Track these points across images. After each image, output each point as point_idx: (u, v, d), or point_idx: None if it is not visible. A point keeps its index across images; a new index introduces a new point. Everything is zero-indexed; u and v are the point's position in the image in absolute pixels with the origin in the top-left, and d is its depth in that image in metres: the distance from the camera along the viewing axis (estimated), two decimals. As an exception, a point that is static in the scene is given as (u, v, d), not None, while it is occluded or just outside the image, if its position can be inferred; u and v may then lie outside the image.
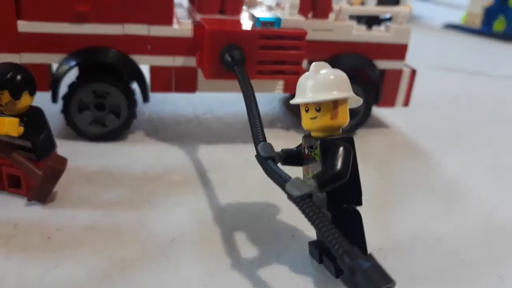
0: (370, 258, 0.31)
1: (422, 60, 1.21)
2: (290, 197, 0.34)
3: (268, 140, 0.41)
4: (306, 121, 0.38)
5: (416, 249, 0.46)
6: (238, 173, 0.56)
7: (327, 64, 0.38)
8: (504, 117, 0.87)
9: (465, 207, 0.54)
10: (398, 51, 0.67)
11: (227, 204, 0.50)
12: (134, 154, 0.58)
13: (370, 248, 0.43)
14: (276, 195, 0.50)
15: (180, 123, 0.69)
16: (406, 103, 0.72)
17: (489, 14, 1.61)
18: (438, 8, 2.27)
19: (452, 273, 0.43)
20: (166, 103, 0.76)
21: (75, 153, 0.56)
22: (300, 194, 0.34)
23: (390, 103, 0.71)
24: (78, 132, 0.60)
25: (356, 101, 0.40)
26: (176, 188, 0.52)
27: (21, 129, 0.45)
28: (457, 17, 1.81)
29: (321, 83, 0.37)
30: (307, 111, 0.38)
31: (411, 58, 0.73)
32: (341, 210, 0.38)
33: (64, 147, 0.52)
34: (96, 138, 0.60)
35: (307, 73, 0.38)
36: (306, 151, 0.40)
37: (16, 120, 0.44)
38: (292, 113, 0.74)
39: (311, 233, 0.44)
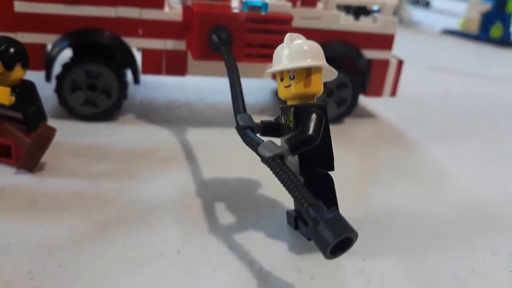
0: (334, 210, 0.32)
1: (417, 62, 1.24)
2: (262, 158, 0.36)
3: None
4: (281, 89, 0.40)
5: (393, 223, 0.47)
6: (224, 153, 0.58)
7: (301, 36, 0.40)
8: (492, 114, 0.88)
9: (445, 188, 0.55)
10: (385, 41, 0.69)
11: (211, 178, 0.52)
12: (123, 133, 0.60)
13: (348, 220, 0.45)
14: (259, 173, 0.52)
15: (170, 108, 0.71)
16: (393, 93, 0.73)
17: (486, 20, 1.63)
18: (437, 16, 2.29)
19: (426, 245, 0.44)
20: (158, 90, 0.78)
21: (66, 130, 0.58)
22: (271, 155, 0.35)
23: (377, 92, 0.72)
24: (70, 112, 0.61)
25: (331, 73, 0.41)
26: (162, 164, 0.54)
27: (12, 98, 0.46)
28: (455, 24, 1.83)
29: (296, 51, 0.38)
30: (282, 80, 0.39)
31: (408, 61, 0.75)
32: (313, 174, 0.39)
33: (56, 125, 0.53)
34: (87, 118, 0.62)
35: (282, 44, 0.40)
36: (283, 120, 0.41)
37: (7, 90, 0.46)
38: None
39: (290, 205, 0.45)
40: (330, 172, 0.41)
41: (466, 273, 0.40)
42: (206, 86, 0.82)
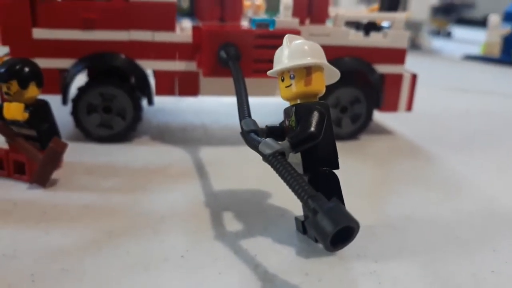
0: (334, 201, 0.31)
1: (438, 84, 1.22)
2: (263, 156, 0.36)
3: None
4: (283, 90, 0.40)
5: (408, 227, 0.45)
6: (235, 168, 0.58)
7: (300, 36, 0.40)
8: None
9: (463, 195, 0.53)
10: (397, 55, 0.69)
11: (220, 190, 0.51)
12: (136, 153, 0.61)
13: (361, 225, 0.43)
14: (269, 185, 0.51)
15: (186, 130, 0.72)
16: (409, 108, 0.72)
17: (508, 43, 1.61)
18: (458, 44, 2.28)
19: (443, 247, 0.42)
20: (175, 114, 0.79)
21: (81, 151, 0.60)
22: (271, 152, 0.35)
23: (392, 107, 0.71)
24: (86, 134, 0.63)
25: (334, 75, 0.41)
26: (173, 178, 0.54)
27: (26, 114, 0.48)
28: (477, 51, 1.82)
29: (295, 51, 0.38)
30: (283, 80, 0.39)
31: (428, 83, 0.74)
32: (317, 172, 0.38)
33: (71, 147, 0.55)
34: (103, 140, 0.63)
35: (281, 46, 0.40)
36: (286, 122, 0.41)
37: (21, 105, 0.48)
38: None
39: (300, 212, 0.44)
40: (341, 181, 0.40)
41: (486, 274, 0.38)
42: (222, 111, 0.83)
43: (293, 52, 0.39)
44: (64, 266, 0.36)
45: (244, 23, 0.63)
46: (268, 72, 0.41)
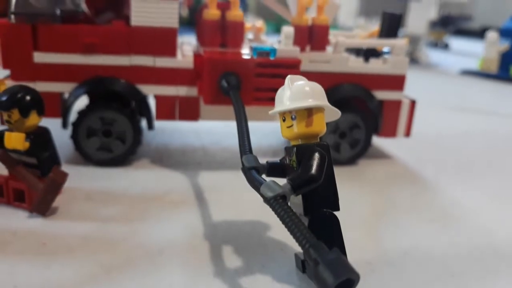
0: (335, 252, 0.31)
1: (436, 102, 1.23)
2: (264, 198, 0.36)
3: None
4: (284, 130, 0.40)
5: (407, 264, 0.45)
6: (235, 196, 0.58)
7: (302, 77, 0.40)
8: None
9: (461, 228, 0.54)
10: (396, 81, 0.69)
11: (220, 221, 0.51)
12: (136, 177, 0.61)
13: (360, 262, 0.44)
14: (269, 215, 0.51)
15: (185, 152, 0.72)
16: (408, 133, 0.73)
17: (506, 59, 1.62)
18: (456, 57, 2.30)
19: (441, 285, 0.42)
20: (174, 136, 0.79)
21: (81, 175, 0.60)
22: (272, 195, 0.35)
23: (391, 133, 0.72)
24: (85, 157, 0.63)
25: (334, 114, 0.42)
26: (172, 206, 0.54)
27: (27, 144, 0.48)
28: (474, 65, 1.83)
29: (297, 92, 0.39)
30: (284, 120, 0.40)
31: (426, 101, 0.75)
32: (318, 215, 0.39)
33: (71, 170, 0.54)
34: (102, 163, 0.63)
35: (283, 86, 0.40)
36: (287, 161, 0.41)
37: (22, 135, 0.48)
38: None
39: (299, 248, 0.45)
40: (339, 212, 0.40)
41: (483, 318, 0.38)
42: (222, 131, 0.83)
43: (294, 93, 0.39)
44: (63, 306, 0.36)
45: (245, 50, 0.63)
46: (270, 112, 0.41)
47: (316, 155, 0.38)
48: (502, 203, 0.61)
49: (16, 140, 0.47)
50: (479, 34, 2.79)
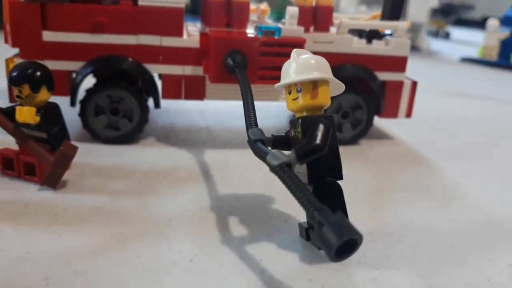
0: (339, 214, 0.33)
1: (435, 88, 1.24)
2: (270, 167, 0.37)
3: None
4: (289, 102, 0.41)
5: (407, 235, 0.47)
6: (241, 172, 0.59)
7: (307, 51, 0.41)
8: (510, 136, 0.87)
9: (460, 204, 0.55)
10: (398, 63, 0.70)
11: (226, 194, 0.53)
12: (144, 154, 0.62)
13: (362, 233, 0.45)
14: (274, 189, 0.53)
15: (191, 131, 0.73)
16: (409, 114, 0.74)
17: (506, 47, 1.63)
18: (457, 46, 2.30)
19: (440, 256, 0.44)
20: (180, 116, 0.81)
21: (89, 152, 0.61)
22: (278, 163, 0.36)
23: (393, 114, 0.73)
24: (93, 135, 0.64)
25: (339, 87, 0.43)
26: (179, 182, 0.55)
27: (37, 118, 0.49)
28: (475, 53, 1.83)
29: (302, 65, 0.40)
30: (290, 93, 0.41)
31: (426, 87, 0.76)
32: (322, 183, 0.40)
33: (79, 147, 0.55)
34: (110, 141, 0.64)
35: (289, 59, 0.41)
36: (292, 133, 0.43)
37: (33, 109, 0.49)
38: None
39: (303, 218, 0.46)
40: (341, 182, 0.41)
41: (482, 283, 0.40)
42: (226, 111, 0.84)
43: (300, 66, 0.40)
44: (77, 269, 0.37)
45: (250, 30, 0.64)
46: (276, 85, 0.42)
47: (321, 126, 0.39)
48: (500, 184, 0.63)
49: (27, 114, 0.49)
50: (481, 24, 2.79)
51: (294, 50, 0.41)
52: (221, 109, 0.85)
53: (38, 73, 0.50)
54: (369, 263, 0.41)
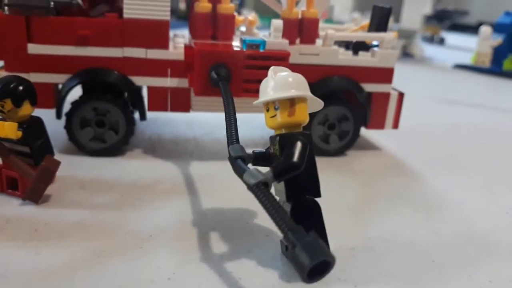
0: (312, 235, 0.33)
1: (427, 95, 1.24)
2: (247, 185, 0.37)
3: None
4: (268, 119, 0.41)
5: (388, 250, 0.47)
6: (224, 185, 0.59)
7: (285, 68, 0.42)
8: (499, 144, 0.88)
9: (444, 217, 0.55)
10: (385, 74, 0.70)
11: (209, 208, 0.53)
12: (128, 167, 0.62)
13: (342, 248, 0.45)
14: (256, 204, 0.52)
15: (178, 142, 0.73)
16: (396, 125, 0.74)
17: (499, 54, 1.63)
18: (451, 51, 2.31)
19: (421, 272, 0.44)
20: (167, 126, 0.81)
21: (74, 164, 0.61)
22: (255, 182, 0.36)
23: (379, 125, 0.73)
24: (79, 147, 0.64)
25: (318, 104, 0.43)
26: (163, 195, 0.55)
27: (19, 133, 0.49)
28: (468, 59, 1.84)
29: (280, 83, 0.40)
30: (268, 110, 0.41)
31: (417, 94, 0.76)
32: (300, 201, 0.40)
33: (64, 160, 0.56)
34: (96, 153, 0.64)
35: (267, 77, 0.42)
36: (272, 150, 0.43)
37: (15, 124, 0.49)
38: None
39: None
40: (326, 201, 0.41)
41: (459, 301, 0.40)
42: (214, 122, 0.84)
43: (277, 84, 0.40)
44: (52, 286, 0.37)
45: (236, 43, 0.64)
46: (254, 103, 0.42)
47: (298, 144, 0.39)
48: (486, 195, 0.63)
49: (9, 129, 0.49)
50: (476, 29, 2.80)
51: (272, 67, 0.41)
52: (209, 120, 0.85)
53: (21, 88, 0.50)
54: (348, 280, 0.41)
